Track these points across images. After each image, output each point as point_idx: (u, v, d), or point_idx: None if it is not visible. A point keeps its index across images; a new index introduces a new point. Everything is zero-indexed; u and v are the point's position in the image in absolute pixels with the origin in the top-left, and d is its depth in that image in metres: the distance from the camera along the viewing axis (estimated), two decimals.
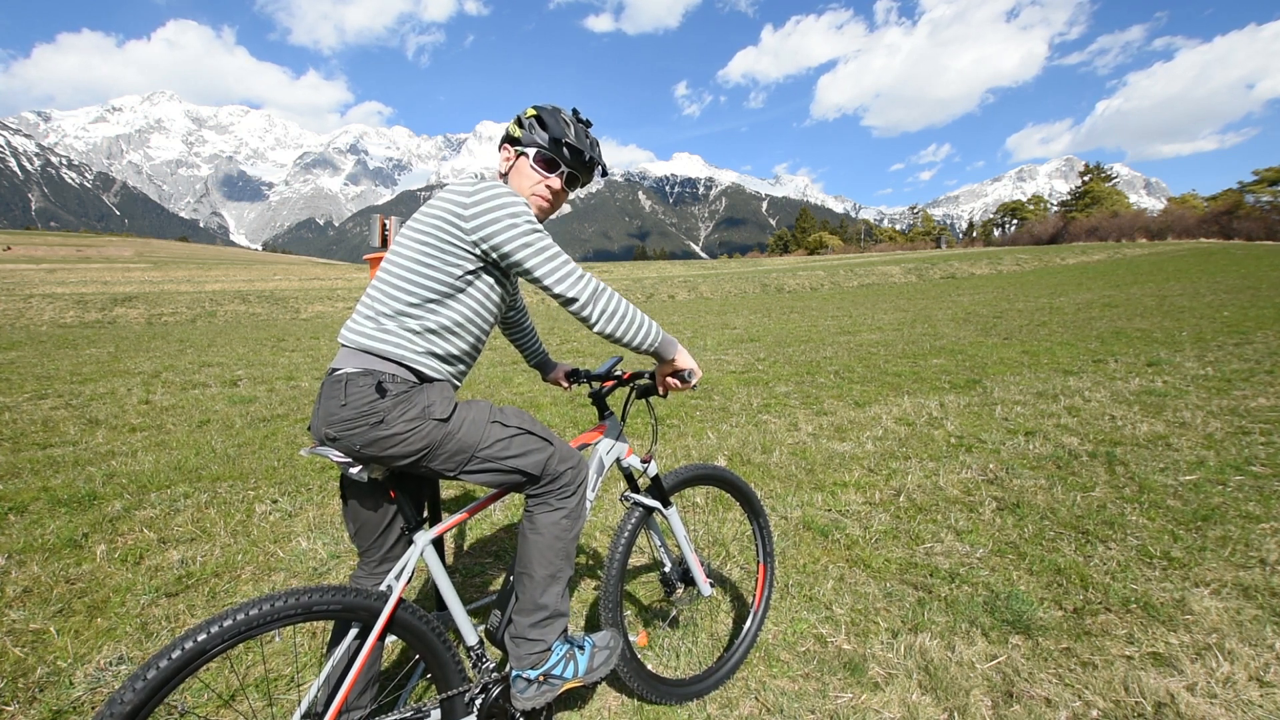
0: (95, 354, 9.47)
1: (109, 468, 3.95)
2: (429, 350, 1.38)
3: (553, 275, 1.36)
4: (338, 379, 1.31)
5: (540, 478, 1.45)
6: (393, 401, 1.29)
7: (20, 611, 2.30)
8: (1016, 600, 2.25)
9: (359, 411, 1.27)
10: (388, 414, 1.28)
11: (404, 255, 1.37)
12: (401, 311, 1.35)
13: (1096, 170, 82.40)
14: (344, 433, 1.28)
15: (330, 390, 1.31)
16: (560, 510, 1.47)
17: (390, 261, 1.39)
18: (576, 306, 1.38)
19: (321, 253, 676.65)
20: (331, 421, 1.28)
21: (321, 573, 2.63)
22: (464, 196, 1.35)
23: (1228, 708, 1.72)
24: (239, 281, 28.65)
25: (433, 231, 1.36)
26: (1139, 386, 5.49)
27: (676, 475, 1.90)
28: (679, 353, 1.56)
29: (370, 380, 1.29)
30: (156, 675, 1.02)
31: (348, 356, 1.34)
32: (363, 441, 1.28)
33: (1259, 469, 3.47)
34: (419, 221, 1.39)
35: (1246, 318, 9.66)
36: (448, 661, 1.41)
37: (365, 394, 1.28)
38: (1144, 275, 21.08)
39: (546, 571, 1.45)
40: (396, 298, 1.35)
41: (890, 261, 36.40)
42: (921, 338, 9.29)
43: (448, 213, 1.35)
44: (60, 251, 61.14)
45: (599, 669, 1.53)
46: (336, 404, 1.29)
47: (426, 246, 1.35)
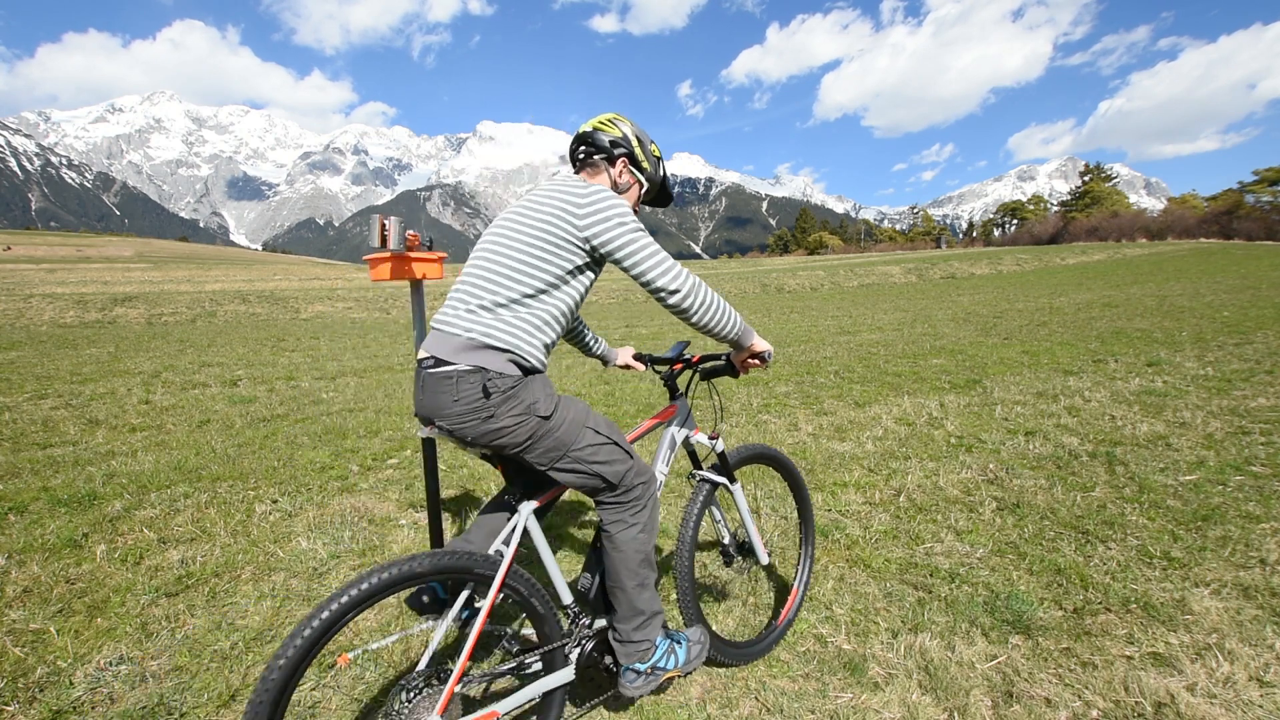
0: (95, 354, 9.47)
1: (109, 468, 3.95)
2: (543, 341, 1.48)
3: (656, 270, 1.46)
4: (447, 375, 1.39)
5: (618, 487, 1.55)
6: (501, 398, 1.39)
7: (20, 611, 2.30)
8: (1016, 600, 2.25)
9: (470, 408, 1.38)
10: (497, 409, 1.39)
11: (513, 247, 1.47)
12: (516, 300, 1.44)
13: (1097, 170, 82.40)
14: (456, 425, 1.40)
15: (439, 385, 1.40)
16: (635, 525, 1.58)
17: (494, 253, 1.49)
18: (676, 299, 1.48)
19: (321, 253, 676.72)
20: (444, 415, 1.40)
21: (321, 573, 2.63)
22: (577, 197, 1.47)
23: (1228, 708, 1.72)
24: (239, 281, 28.65)
25: (545, 227, 1.46)
26: (1139, 386, 5.49)
27: (738, 453, 2.06)
28: (756, 339, 1.70)
29: (479, 379, 1.38)
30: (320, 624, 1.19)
31: (456, 348, 1.41)
32: (474, 434, 1.40)
33: (1259, 469, 3.47)
34: (528, 217, 1.48)
35: (1246, 318, 9.66)
36: (548, 617, 1.55)
37: (475, 391, 1.38)
38: (1144, 275, 21.08)
39: (635, 582, 1.58)
40: (510, 287, 1.44)
41: (890, 261, 36.40)
42: (921, 338, 9.28)
43: (562, 211, 1.46)
44: (60, 251, 61.13)
45: (695, 660, 1.69)
46: (449, 399, 1.39)
47: (540, 240, 1.45)
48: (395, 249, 1.87)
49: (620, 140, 1.68)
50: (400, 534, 3.01)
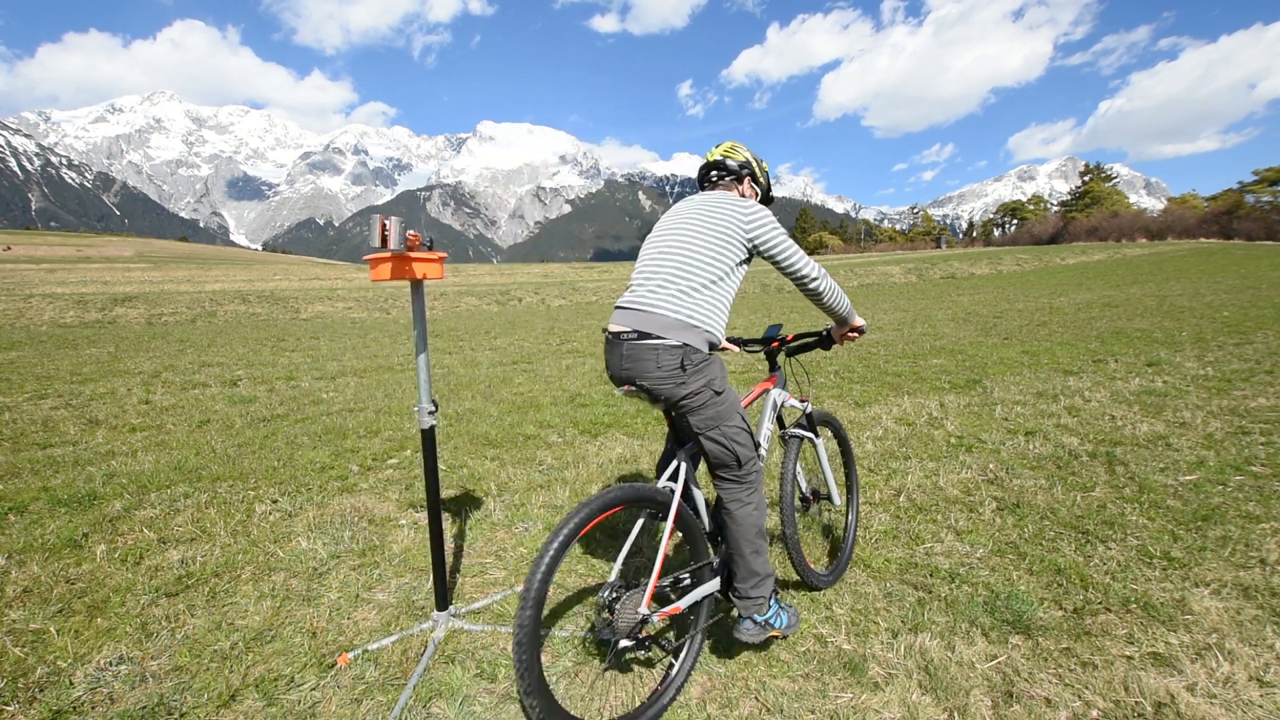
0: (95, 354, 9.47)
1: (109, 468, 3.95)
2: (723, 323, 1.86)
3: (800, 262, 1.89)
4: (653, 346, 1.74)
5: (741, 468, 1.90)
6: (693, 370, 1.76)
7: (20, 611, 2.30)
8: (1016, 600, 2.25)
9: (669, 374, 1.74)
10: (688, 379, 1.75)
11: (697, 243, 1.85)
12: (705, 285, 1.81)
13: (1097, 170, 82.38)
14: (654, 385, 1.76)
15: (644, 354, 1.75)
16: (750, 504, 1.91)
17: (682, 247, 1.87)
18: (814, 285, 1.93)
19: (321, 253, 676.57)
20: (646, 377, 1.76)
21: (321, 573, 2.63)
22: (742, 209, 1.88)
23: (1228, 708, 1.72)
24: (239, 281, 28.64)
25: (720, 228, 1.85)
26: (1139, 386, 5.49)
27: (816, 416, 2.50)
28: (856, 317, 2.17)
29: (679, 353, 1.74)
30: (565, 534, 1.57)
31: (664, 325, 1.76)
32: (666, 394, 1.77)
33: (1259, 469, 3.47)
34: (703, 221, 1.88)
35: (1246, 318, 9.66)
36: (700, 539, 1.94)
37: (675, 363, 1.74)
38: (1144, 275, 21.09)
39: (751, 549, 1.90)
40: (701, 274, 1.82)
41: (890, 261, 36.40)
42: (921, 338, 9.28)
43: (732, 218, 1.86)
44: (60, 251, 61.09)
45: (794, 626, 2.01)
46: (653, 366, 1.75)
47: (718, 238, 1.85)
48: (395, 249, 1.86)
49: (744, 164, 2.10)
50: (400, 534, 3.01)
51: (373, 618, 2.30)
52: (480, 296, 21.87)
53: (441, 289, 23.73)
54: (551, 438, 4.63)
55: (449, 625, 2.20)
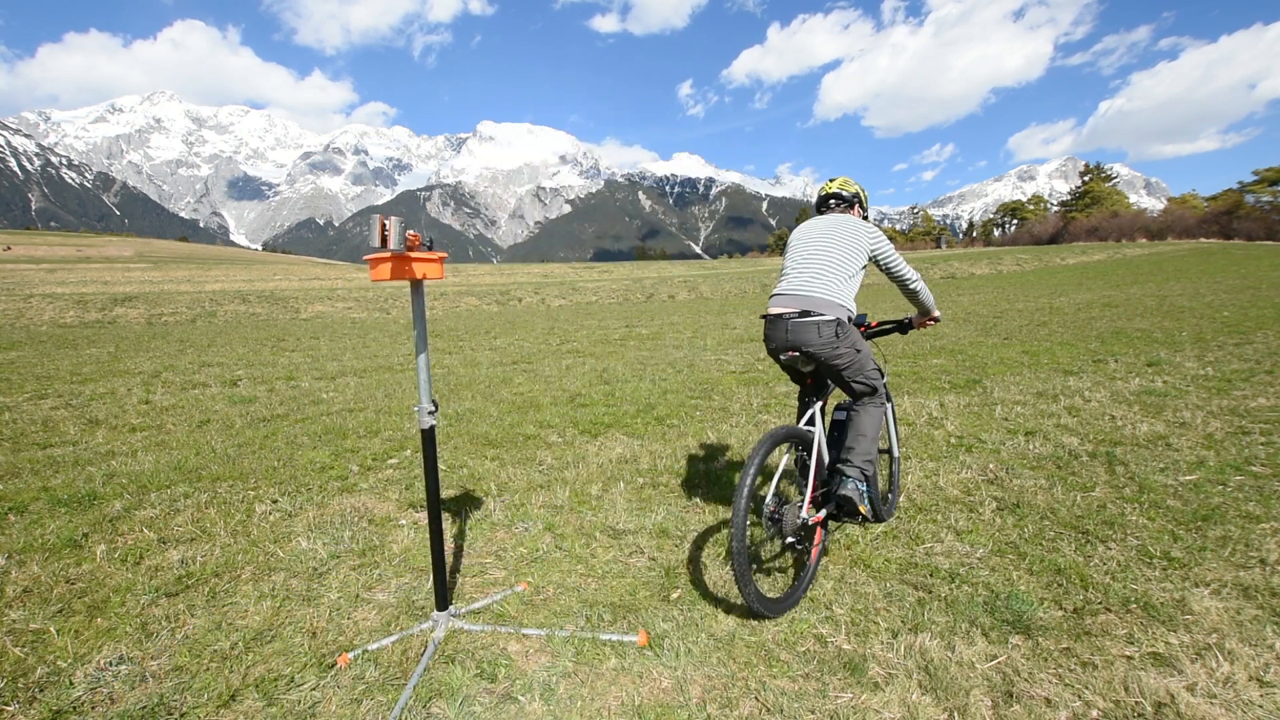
0: (95, 354, 9.47)
1: (109, 468, 3.95)
2: (855, 306, 2.51)
3: (903, 269, 2.63)
4: (814, 321, 2.37)
5: (875, 392, 2.54)
6: (845, 337, 2.39)
7: (20, 611, 2.30)
8: (1016, 600, 2.25)
9: (827, 342, 2.37)
10: (840, 344, 2.38)
11: (835, 250, 2.52)
12: (845, 279, 2.48)
13: (1096, 170, 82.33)
14: (815, 350, 2.38)
15: (806, 328, 2.38)
16: (878, 409, 2.55)
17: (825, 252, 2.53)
18: (912, 285, 2.68)
19: (321, 253, 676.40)
20: (809, 345, 2.38)
21: (321, 573, 2.63)
22: (867, 231, 2.56)
23: (1228, 708, 1.72)
24: (239, 281, 28.64)
25: (852, 242, 2.53)
26: (1139, 386, 5.48)
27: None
28: (936, 309, 2.85)
29: (833, 326, 2.37)
30: (755, 465, 2.12)
31: (821, 305, 2.40)
32: (823, 355, 2.39)
33: (1259, 469, 3.46)
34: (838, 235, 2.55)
35: (1246, 318, 9.66)
36: (824, 469, 2.54)
37: (831, 333, 2.36)
38: (1144, 275, 21.09)
39: (871, 437, 2.49)
40: (841, 271, 2.48)
41: None
42: (921, 338, 9.28)
43: (859, 236, 2.55)
44: (60, 251, 61.08)
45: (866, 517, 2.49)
46: (814, 336, 2.37)
47: (850, 247, 2.52)
48: (395, 249, 1.86)
49: (855, 195, 2.79)
50: (400, 534, 3.01)
51: (373, 618, 2.30)
52: (480, 296, 21.87)
53: (441, 289, 23.74)
54: (551, 438, 4.63)
55: (449, 625, 2.20)
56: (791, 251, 2.66)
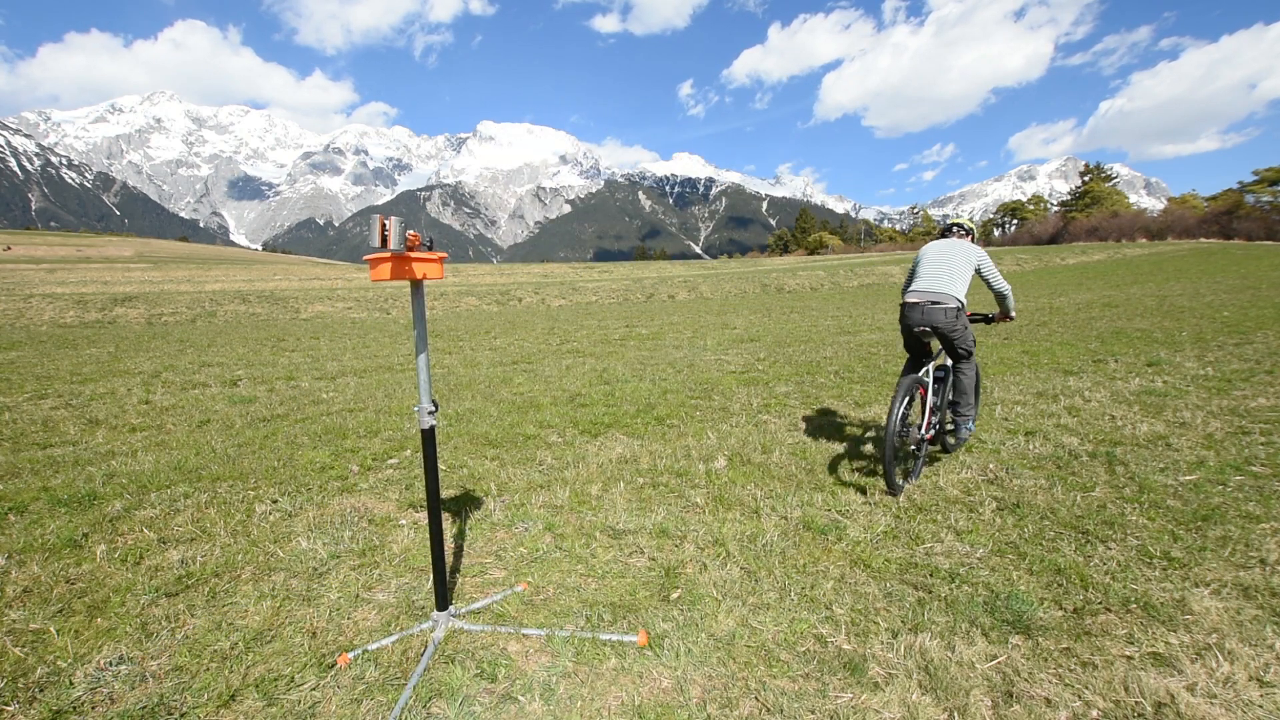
0: (95, 354, 9.47)
1: (109, 468, 3.95)
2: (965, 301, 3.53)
3: (997, 280, 3.63)
4: (947, 309, 3.43)
5: (970, 356, 3.65)
6: (963, 320, 3.50)
7: (20, 611, 2.30)
8: (1016, 600, 2.25)
9: (950, 321, 3.44)
10: (957, 323, 3.46)
11: (955, 261, 3.55)
12: (961, 282, 3.51)
13: (1097, 170, 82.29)
14: (943, 326, 3.45)
15: (940, 312, 3.44)
16: (972, 369, 3.72)
17: (948, 262, 3.55)
18: (1001, 291, 3.68)
19: (321, 253, 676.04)
20: (940, 323, 3.45)
21: (321, 573, 2.63)
22: (976, 251, 3.60)
23: (1228, 708, 1.72)
24: (239, 281, 28.65)
25: (965, 259, 3.56)
26: (1139, 386, 5.49)
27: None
28: (1013, 311, 3.91)
29: (954, 310, 3.44)
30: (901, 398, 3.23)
31: (950, 296, 3.45)
32: (947, 329, 3.46)
33: (1259, 469, 3.47)
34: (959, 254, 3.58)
35: (1246, 318, 9.66)
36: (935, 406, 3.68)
37: (953, 315, 3.44)
38: (1144, 275, 21.09)
39: (969, 390, 3.70)
40: (958, 276, 3.51)
41: (890, 261, 36.39)
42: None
43: (969, 254, 3.58)
44: (60, 251, 61.07)
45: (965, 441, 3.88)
46: (942, 317, 3.43)
47: (964, 262, 3.54)
48: (395, 249, 1.86)
49: (971, 229, 3.90)
50: (400, 534, 3.01)
51: (373, 618, 2.30)
52: (480, 296, 21.88)
53: (441, 289, 23.74)
54: (551, 438, 4.63)
55: (449, 625, 2.20)
56: (924, 260, 3.68)
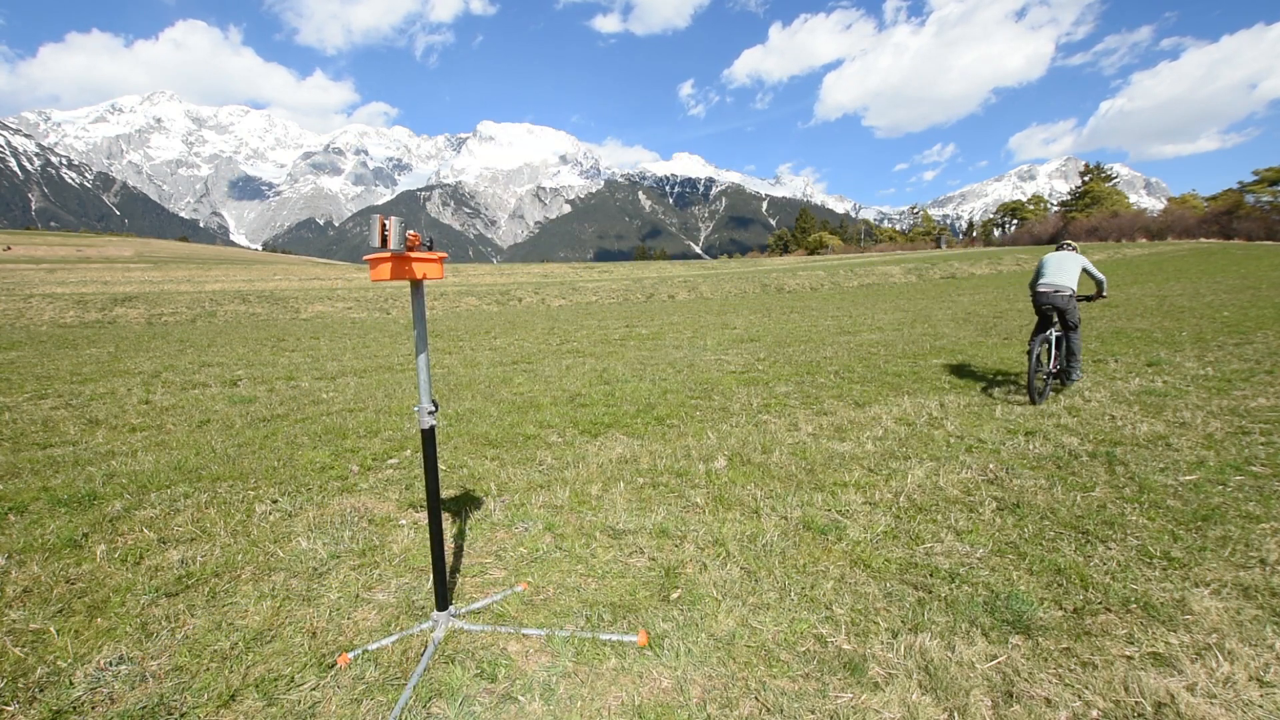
0: (95, 354, 9.47)
1: (109, 468, 3.95)
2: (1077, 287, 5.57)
3: (1098, 274, 5.74)
4: (1069, 295, 5.46)
5: (1078, 326, 5.60)
6: (1076, 302, 5.57)
7: (20, 611, 2.30)
8: (1016, 600, 2.25)
9: (1068, 302, 5.47)
10: (1071, 303, 5.48)
11: (1068, 267, 5.55)
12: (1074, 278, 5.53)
13: (1097, 170, 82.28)
14: (1063, 306, 5.46)
15: (1061, 296, 5.45)
16: (1079, 336, 5.65)
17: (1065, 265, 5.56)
18: (1099, 280, 5.85)
19: (321, 253, 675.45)
20: (1061, 304, 5.46)
21: (321, 573, 2.63)
22: (1080, 257, 5.65)
23: (1228, 708, 1.72)
24: (239, 281, 28.65)
25: (1076, 262, 5.61)
26: (1139, 386, 5.49)
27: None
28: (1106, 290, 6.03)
29: (1072, 296, 5.49)
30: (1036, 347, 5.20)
31: (1071, 286, 5.47)
32: (1064, 308, 5.48)
33: (1259, 469, 3.47)
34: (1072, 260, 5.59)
35: (1246, 318, 9.66)
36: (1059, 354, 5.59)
37: (1071, 298, 5.49)
38: (1144, 275, 21.08)
39: (1078, 349, 5.64)
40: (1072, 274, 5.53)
41: (890, 261, 36.39)
42: (921, 338, 9.29)
43: (1079, 259, 5.62)
44: (60, 251, 61.06)
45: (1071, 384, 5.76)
46: (1064, 300, 5.45)
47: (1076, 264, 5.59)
48: (395, 249, 1.86)
49: (1075, 246, 5.80)
50: (400, 534, 3.01)
51: (373, 618, 2.30)
52: (480, 296, 21.87)
53: (441, 289, 23.74)
54: (551, 438, 4.63)
55: (449, 625, 2.20)
56: (1048, 263, 5.59)
